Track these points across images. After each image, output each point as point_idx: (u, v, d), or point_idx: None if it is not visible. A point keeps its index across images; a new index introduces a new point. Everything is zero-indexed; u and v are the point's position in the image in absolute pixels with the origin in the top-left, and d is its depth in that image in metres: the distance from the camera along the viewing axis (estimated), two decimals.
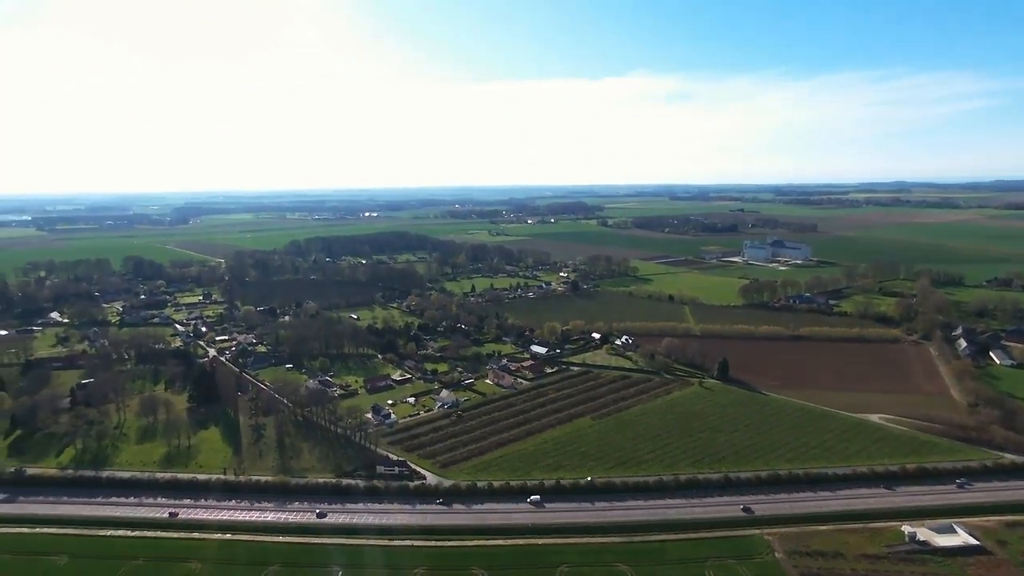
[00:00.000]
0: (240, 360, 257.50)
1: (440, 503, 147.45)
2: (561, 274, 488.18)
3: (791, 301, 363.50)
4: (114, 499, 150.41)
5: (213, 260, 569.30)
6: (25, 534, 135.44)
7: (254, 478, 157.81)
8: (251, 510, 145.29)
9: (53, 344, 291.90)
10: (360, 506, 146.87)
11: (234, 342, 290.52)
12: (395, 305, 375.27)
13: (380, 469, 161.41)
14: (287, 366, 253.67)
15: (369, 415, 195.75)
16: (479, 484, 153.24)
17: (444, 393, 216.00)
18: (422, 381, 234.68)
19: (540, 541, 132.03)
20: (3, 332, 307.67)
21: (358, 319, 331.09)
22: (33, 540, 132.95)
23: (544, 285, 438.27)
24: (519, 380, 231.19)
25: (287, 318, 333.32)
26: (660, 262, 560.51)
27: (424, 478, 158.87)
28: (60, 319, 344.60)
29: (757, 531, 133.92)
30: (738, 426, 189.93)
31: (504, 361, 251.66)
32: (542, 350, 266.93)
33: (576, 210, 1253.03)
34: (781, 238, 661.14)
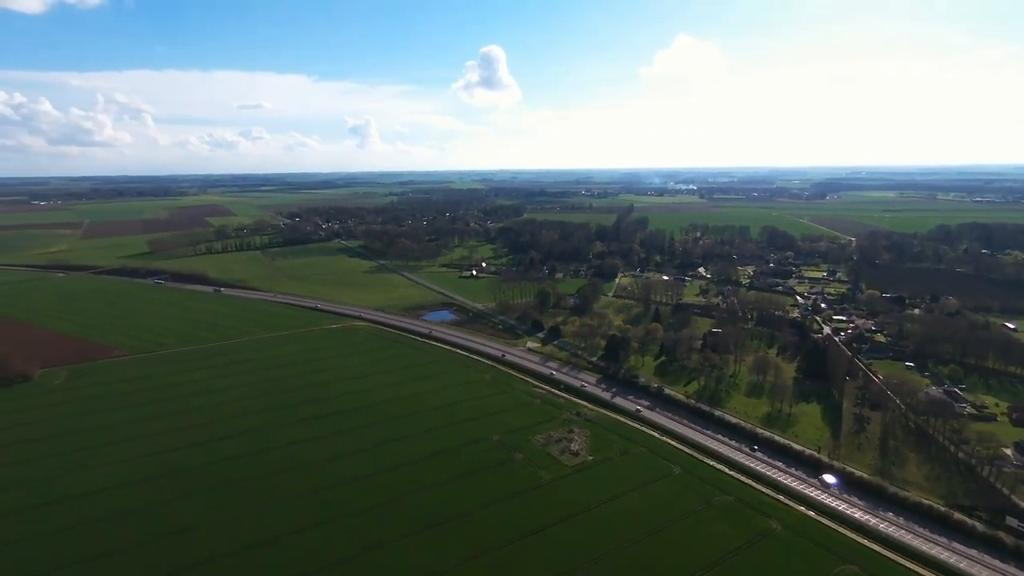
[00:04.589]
0: (854, 344, 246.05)
1: None
2: None
3: None
4: (720, 436, 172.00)
5: (844, 237, 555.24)
6: (655, 438, 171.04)
7: (847, 468, 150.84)
8: (838, 499, 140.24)
9: (696, 294, 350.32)
10: (973, 552, 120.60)
11: (851, 325, 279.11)
12: None
13: (1012, 522, 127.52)
14: (907, 363, 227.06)
15: (1008, 451, 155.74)
16: None
17: None
18: None
19: None
20: (665, 278, 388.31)
21: (1015, 330, 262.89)
22: (660, 445, 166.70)
23: None
24: None
25: (917, 311, 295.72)
26: None
27: None
28: (704, 274, 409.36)
29: None
30: None
31: None
32: None
33: None
34: None
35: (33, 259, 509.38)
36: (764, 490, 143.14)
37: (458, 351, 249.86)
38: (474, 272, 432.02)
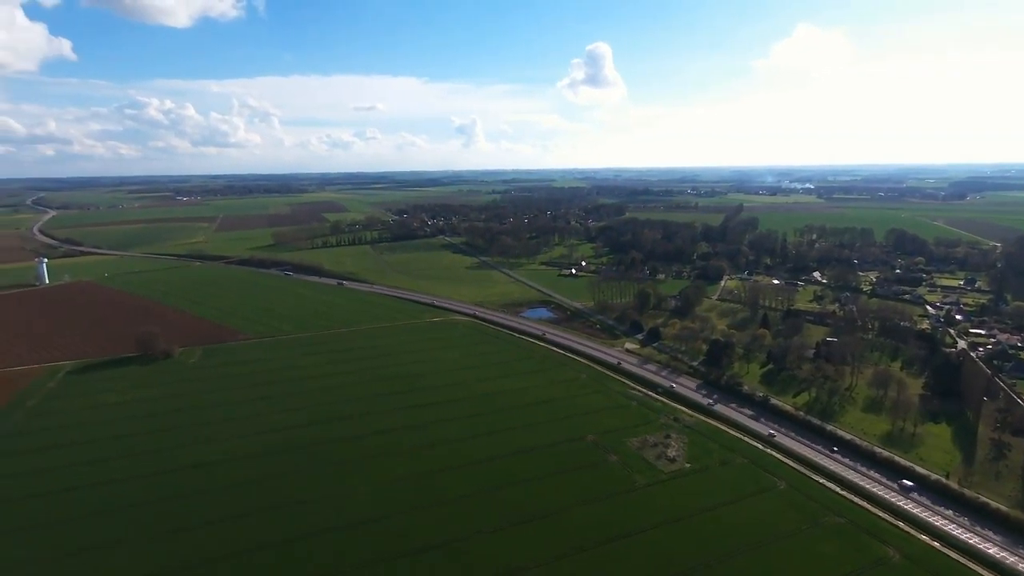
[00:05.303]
0: (995, 362, 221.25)
1: None
2: None
3: None
4: (831, 453, 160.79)
5: (986, 243, 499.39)
6: (758, 449, 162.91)
7: (981, 498, 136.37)
8: (968, 531, 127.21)
9: (810, 300, 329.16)
10: None
11: (992, 339, 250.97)
12: None
13: None
14: None
15: None
16: None
17: None
18: None
19: None
20: (776, 281, 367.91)
21: None
22: (762, 456, 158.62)
23: None
24: None
25: None
26: None
27: None
28: (820, 279, 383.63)
29: None
30: None
31: None
32: None
33: None
34: None
35: (176, 249, 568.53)
36: (881, 514, 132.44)
37: (555, 349, 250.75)
38: (573, 271, 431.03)
